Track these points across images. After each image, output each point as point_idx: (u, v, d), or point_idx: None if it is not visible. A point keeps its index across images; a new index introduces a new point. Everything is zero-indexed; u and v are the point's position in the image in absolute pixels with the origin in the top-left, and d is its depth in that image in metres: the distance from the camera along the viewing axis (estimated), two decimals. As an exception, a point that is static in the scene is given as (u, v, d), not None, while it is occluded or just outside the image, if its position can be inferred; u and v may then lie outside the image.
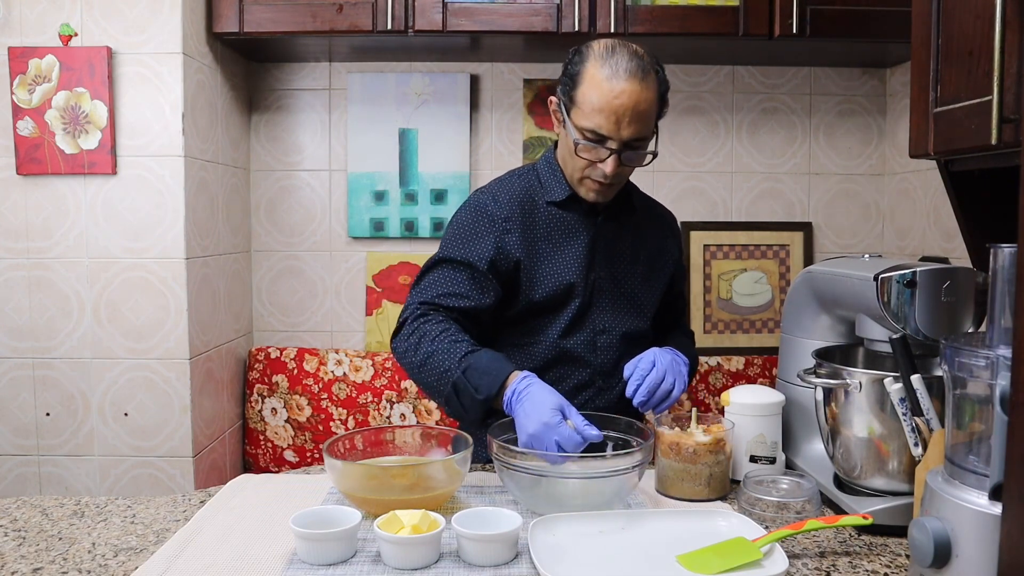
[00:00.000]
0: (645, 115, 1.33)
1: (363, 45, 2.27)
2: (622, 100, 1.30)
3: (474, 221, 1.43)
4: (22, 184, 1.99)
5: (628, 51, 1.33)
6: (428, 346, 1.31)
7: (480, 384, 1.25)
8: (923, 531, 0.84)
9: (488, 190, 1.48)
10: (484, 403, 1.25)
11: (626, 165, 1.37)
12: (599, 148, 1.34)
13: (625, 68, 1.31)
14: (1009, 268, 0.82)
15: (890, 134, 2.49)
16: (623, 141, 1.33)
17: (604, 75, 1.31)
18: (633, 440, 1.23)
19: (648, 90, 1.32)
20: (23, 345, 2.03)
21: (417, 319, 1.36)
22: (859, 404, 1.14)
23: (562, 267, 1.44)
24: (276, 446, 2.39)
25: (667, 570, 0.97)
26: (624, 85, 1.30)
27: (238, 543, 1.05)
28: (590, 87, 1.32)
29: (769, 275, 2.51)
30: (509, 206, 1.43)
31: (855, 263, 1.30)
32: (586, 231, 1.46)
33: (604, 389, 1.48)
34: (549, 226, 1.45)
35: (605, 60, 1.32)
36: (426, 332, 1.33)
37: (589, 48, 1.36)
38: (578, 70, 1.35)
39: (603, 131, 1.32)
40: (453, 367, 1.27)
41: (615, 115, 1.31)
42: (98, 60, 1.94)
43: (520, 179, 1.49)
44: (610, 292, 1.48)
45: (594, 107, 1.31)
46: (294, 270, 2.52)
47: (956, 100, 1.07)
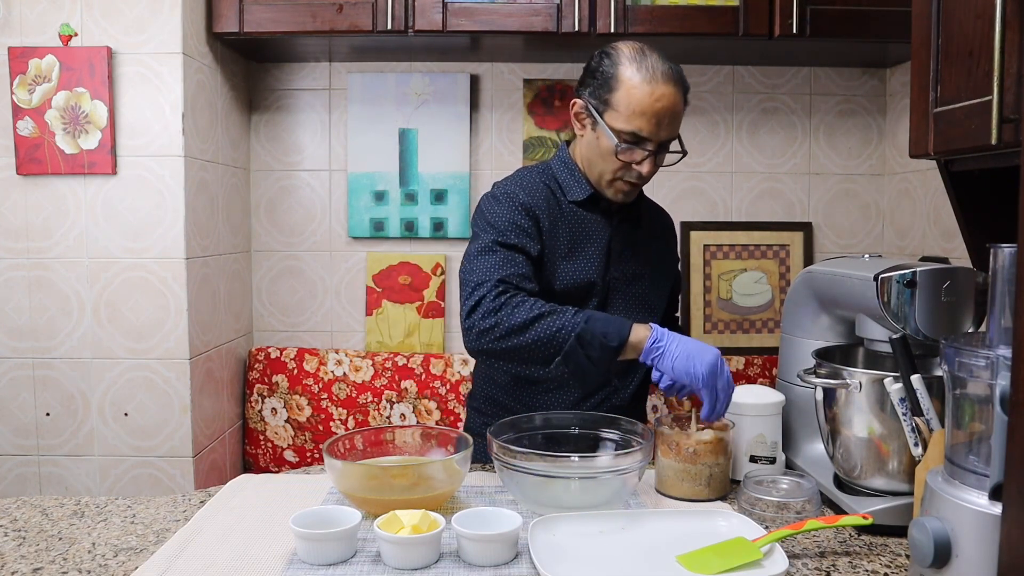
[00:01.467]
0: (679, 116, 1.37)
1: (363, 45, 2.27)
2: (663, 103, 1.33)
3: (512, 210, 1.40)
4: (22, 184, 1.99)
5: (657, 54, 1.36)
6: (527, 311, 1.27)
7: (608, 331, 1.27)
8: (923, 531, 0.84)
9: (515, 182, 1.46)
10: (615, 351, 1.27)
11: (660, 166, 1.40)
12: (636, 150, 1.36)
13: (662, 72, 1.33)
14: (1009, 268, 0.82)
15: (890, 134, 2.49)
16: (660, 142, 1.36)
17: (643, 78, 1.32)
18: (633, 440, 1.23)
19: (680, 92, 1.36)
20: (23, 345, 2.03)
21: (500, 295, 1.30)
22: (859, 404, 1.14)
23: (582, 265, 1.45)
24: (276, 446, 2.39)
25: (667, 570, 0.97)
26: (664, 88, 1.33)
27: (238, 543, 1.05)
28: (630, 90, 1.33)
29: (769, 275, 2.51)
30: (537, 199, 1.43)
31: (855, 263, 1.30)
32: (604, 231, 1.47)
33: (619, 388, 1.50)
34: (571, 224, 1.46)
35: (640, 63, 1.34)
36: (520, 301, 1.29)
37: (618, 51, 1.37)
38: (612, 73, 1.35)
39: (644, 133, 1.34)
40: (569, 323, 1.27)
41: (656, 117, 1.33)
42: (98, 60, 1.94)
43: (540, 176, 1.49)
44: (623, 292, 1.50)
45: (634, 111, 1.33)
46: (294, 270, 2.52)
47: (956, 100, 1.07)
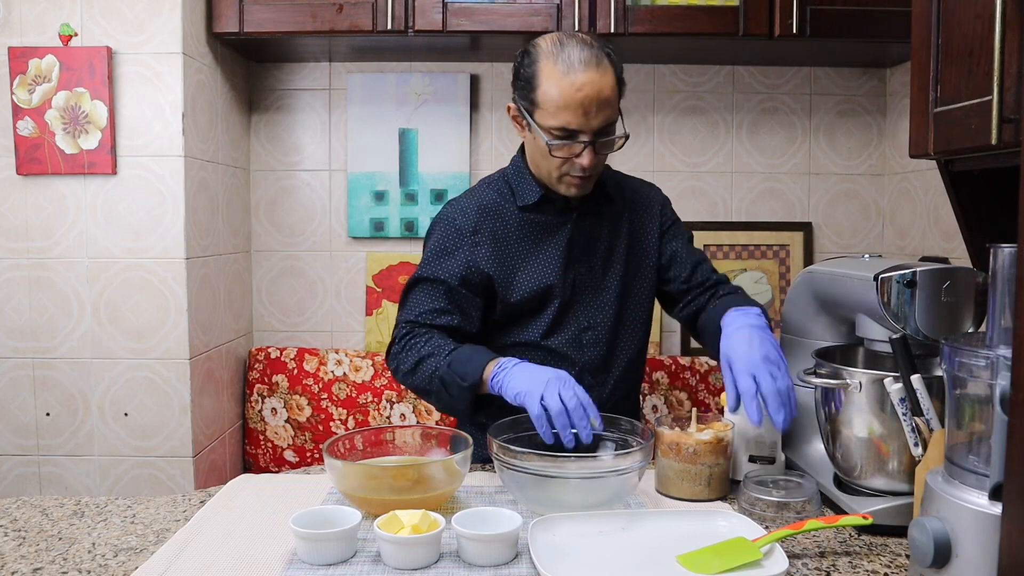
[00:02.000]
0: (609, 101, 1.32)
1: (363, 45, 2.27)
2: (586, 91, 1.29)
3: (444, 237, 1.44)
4: (22, 184, 1.99)
5: (577, 41, 1.33)
6: (415, 354, 1.37)
7: (465, 372, 1.30)
8: (923, 531, 0.84)
9: (457, 203, 1.48)
10: (471, 389, 1.29)
11: (601, 154, 1.37)
12: (572, 144, 1.33)
13: (579, 59, 1.30)
14: (1009, 268, 0.82)
15: (890, 134, 2.49)
16: (594, 131, 1.33)
17: (561, 71, 1.30)
18: (633, 440, 1.23)
19: (606, 75, 1.31)
20: (23, 345, 2.03)
21: (403, 337, 1.41)
22: (859, 404, 1.14)
23: (538, 270, 1.44)
24: (276, 446, 2.39)
25: (667, 570, 0.97)
26: (583, 76, 1.29)
27: (238, 543, 1.05)
28: (549, 86, 1.31)
29: (769, 275, 2.51)
30: (477, 218, 1.44)
31: (855, 263, 1.30)
32: (562, 230, 1.45)
33: (594, 386, 1.47)
34: (522, 231, 1.44)
35: (557, 55, 1.31)
36: (414, 344, 1.39)
37: (536, 47, 1.35)
38: (532, 71, 1.34)
39: (572, 126, 1.31)
40: (440, 364, 1.33)
41: (581, 107, 1.30)
42: (98, 60, 1.94)
43: (489, 187, 1.49)
44: (592, 287, 1.47)
45: (558, 105, 1.30)
46: (294, 270, 2.52)
47: (956, 100, 1.07)
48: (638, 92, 2.49)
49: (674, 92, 2.50)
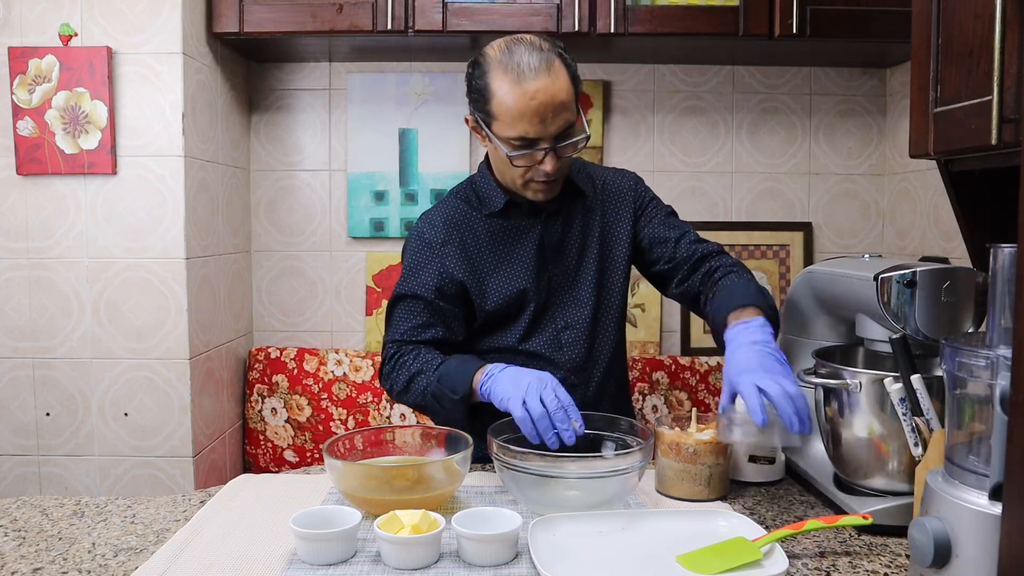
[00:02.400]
0: (565, 104, 1.29)
1: (363, 45, 2.27)
2: (540, 98, 1.26)
3: (416, 252, 1.44)
4: (22, 184, 1.99)
5: (526, 46, 1.30)
6: (406, 373, 1.39)
7: (455, 385, 1.31)
8: (923, 531, 0.84)
9: (426, 216, 1.48)
10: (463, 402, 1.30)
11: (563, 158, 1.34)
12: (533, 152, 1.31)
13: (529, 65, 1.27)
14: (1009, 268, 0.82)
15: (890, 134, 2.49)
16: (553, 137, 1.30)
17: (512, 79, 1.27)
18: (633, 440, 1.23)
19: (559, 78, 1.28)
20: (23, 345, 2.03)
21: (392, 358, 1.42)
22: (859, 404, 1.14)
23: (511, 276, 1.43)
24: (276, 446, 2.39)
25: (667, 570, 0.97)
26: (535, 84, 1.26)
27: (238, 543, 1.05)
28: (502, 96, 1.28)
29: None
30: (445, 230, 1.43)
31: (855, 263, 1.30)
32: (531, 233, 1.44)
33: (577, 385, 1.46)
34: (491, 238, 1.44)
35: (507, 64, 1.28)
36: (403, 363, 1.40)
37: (485, 57, 1.33)
38: (484, 82, 1.31)
39: (531, 135, 1.29)
40: (431, 380, 1.34)
41: (537, 116, 1.27)
42: (98, 60, 1.94)
43: (456, 197, 1.49)
44: (568, 287, 1.46)
45: (513, 115, 1.28)
46: (294, 270, 2.52)
47: (956, 100, 1.07)
48: (638, 92, 2.49)
49: (674, 92, 2.50)
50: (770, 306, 1.30)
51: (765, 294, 1.33)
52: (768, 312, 1.28)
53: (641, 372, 2.39)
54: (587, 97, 2.46)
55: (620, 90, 2.49)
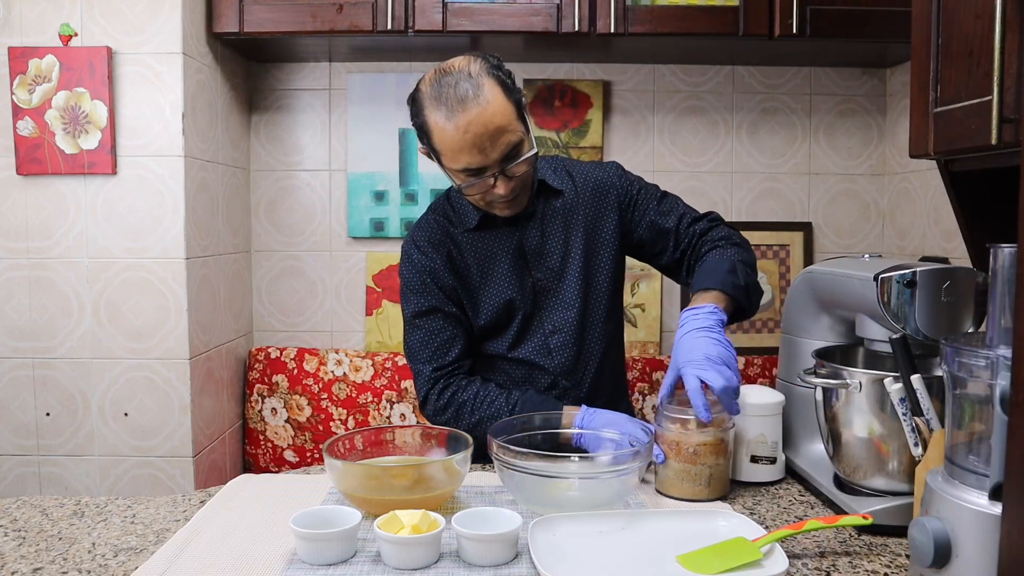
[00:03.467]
0: (502, 127, 1.27)
1: (363, 45, 2.27)
2: (474, 130, 1.25)
3: (414, 274, 1.45)
4: (22, 184, 1.99)
5: (454, 75, 1.27)
6: (468, 417, 1.40)
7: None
8: (923, 531, 0.84)
9: (412, 239, 1.48)
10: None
11: (514, 178, 1.32)
12: (482, 179, 1.31)
13: (457, 98, 1.25)
14: (1009, 268, 0.82)
15: (890, 134, 2.49)
16: (498, 162, 1.29)
17: (444, 116, 1.26)
18: (633, 440, 1.23)
19: (491, 103, 1.26)
20: (23, 345, 2.03)
21: (442, 393, 1.42)
22: (859, 404, 1.14)
23: (497, 287, 1.44)
24: (276, 446, 2.39)
25: (667, 570, 0.96)
26: (466, 116, 1.25)
27: (238, 543, 1.05)
28: (439, 133, 1.28)
29: (769, 275, 2.51)
30: (433, 250, 1.45)
31: (855, 263, 1.30)
32: (511, 242, 1.45)
33: (569, 388, 1.48)
34: (475, 252, 1.45)
35: (438, 99, 1.27)
36: (461, 403, 1.41)
37: (420, 93, 1.31)
38: (422, 119, 1.31)
39: (475, 165, 1.29)
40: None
41: (475, 147, 1.26)
42: (98, 60, 1.94)
43: (435, 214, 1.50)
44: (553, 290, 1.46)
45: (453, 150, 1.28)
46: (294, 270, 2.52)
47: (956, 100, 1.07)
48: (638, 92, 2.49)
49: (674, 92, 2.50)
50: (735, 285, 1.32)
51: (734, 273, 1.34)
52: (730, 293, 1.31)
53: (641, 372, 2.39)
54: (587, 97, 2.46)
55: (620, 90, 2.49)
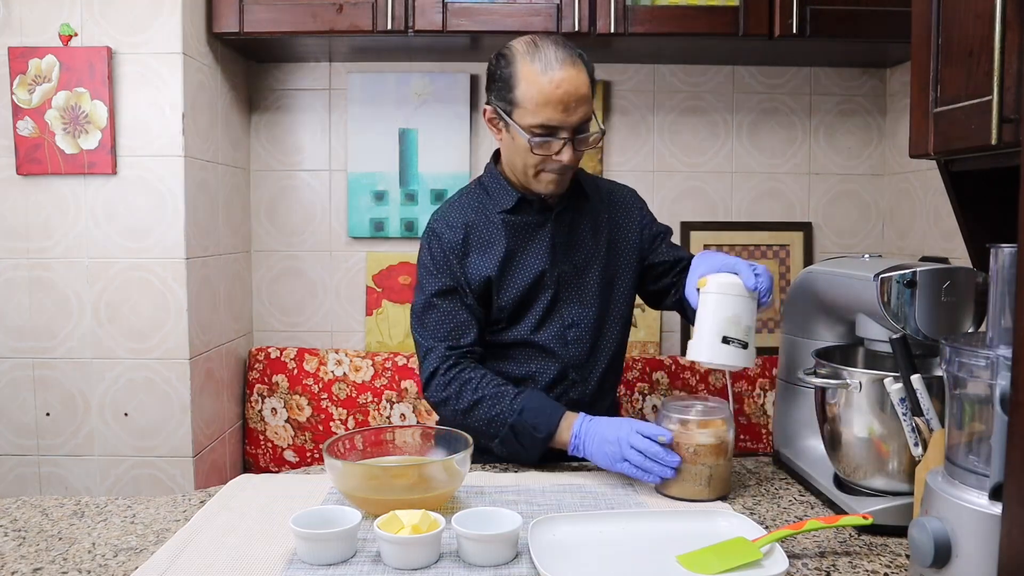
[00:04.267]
0: (586, 97, 1.36)
1: (363, 45, 2.27)
2: (565, 87, 1.32)
3: (439, 252, 1.46)
4: (22, 184, 1.99)
5: (551, 41, 1.36)
6: (471, 394, 1.38)
7: (538, 423, 1.33)
8: (923, 531, 0.84)
9: (441, 216, 1.50)
10: (545, 440, 1.33)
11: (579, 150, 1.39)
12: (552, 141, 1.36)
13: (556, 57, 1.33)
14: (1009, 268, 0.82)
15: (890, 134, 2.49)
16: (573, 127, 1.36)
17: (539, 68, 1.33)
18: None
19: (582, 72, 1.35)
20: (23, 345, 2.03)
21: (450, 369, 1.41)
22: (859, 404, 1.14)
23: (528, 267, 1.46)
24: (276, 446, 2.39)
25: (667, 570, 0.97)
26: (562, 73, 1.32)
27: (238, 543, 1.05)
28: (529, 84, 1.34)
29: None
30: (463, 229, 1.46)
31: (855, 263, 1.30)
32: (543, 229, 1.48)
33: (578, 382, 1.50)
34: (507, 234, 1.47)
35: (535, 55, 1.34)
36: (467, 380, 1.40)
37: (512, 49, 1.38)
38: (510, 71, 1.36)
39: (554, 122, 1.34)
40: (506, 410, 1.35)
41: (562, 104, 1.33)
42: (98, 60, 1.94)
43: (469, 196, 1.52)
44: (576, 285, 1.49)
45: (538, 102, 1.33)
46: (294, 270, 2.52)
47: (956, 100, 1.07)
48: (638, 92, 2.49)
49: (674, 92, 2.50)
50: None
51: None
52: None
53: (641, 372, 2.39)
54: (587, 97, 2.46)
55: (620, 90, 2.49)
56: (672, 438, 1.22)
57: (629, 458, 1.23)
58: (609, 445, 1.27)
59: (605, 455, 1.27)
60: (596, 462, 1.30)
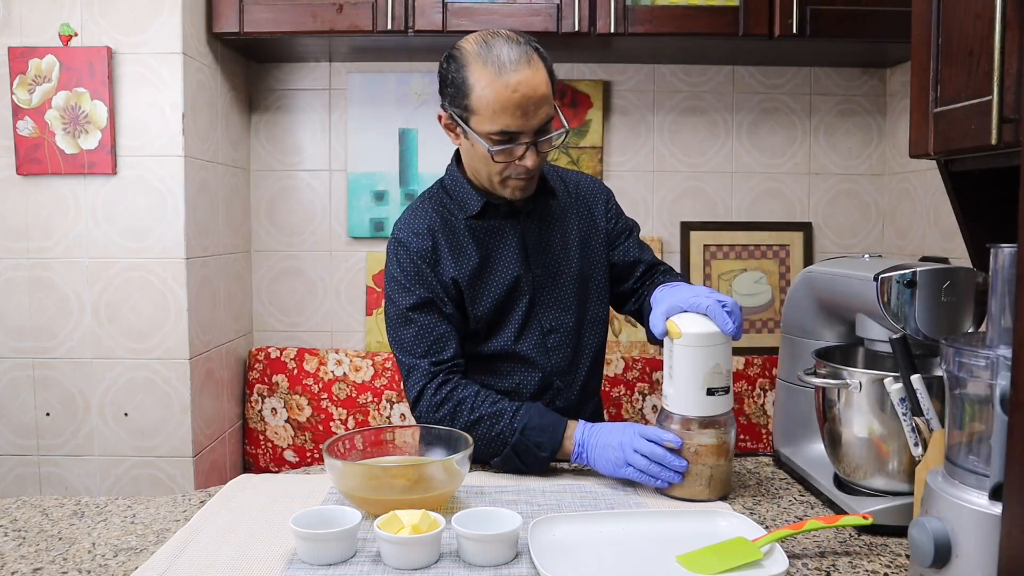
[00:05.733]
0: (546, 97, 1.28)
1: (363, 45, 2.27)
2: (522, 91, 1.25)
3: (408, 262, 1.38)
4: (22, 184, 1.99)
5: (503, 38, 1.28)
6: (467, 415, 1.32)
7: (542, 441, 1.29)
8: (923, 531, 0.84)
9: (406, 224, 1.42)
10: (549, 458, 1.29)
11: (542, 152, 1.32)
12: (512, 147, 1.29)
13: (510, 58, 1.25)
14: (1009, 268, 0.82)
15: (890, 134, 2.49)
16: (534, 131, 1.29)
17: (493, 72, 1.25)
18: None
19: (539, 71, 1.27)
20: (23, 345, 2.03)
21: (440, 387, 1.35)
22: (859, 404, 1.14)
23: (502, 273, 1.40)
24: (276, 446, 2.39)
25: (667, 570, 0.97)
26: (518, 76, 1.24)
27: (238, 543, 1.05)
28: (484, 90, 1.25)
29: (769, 275, 2.51)
30: (431, 236, 1.39)
31: (855, 263, 1.30)
32: (513, 232, 1.42)
33: (563, 389, 1.46)
34: (476, 241, 1.40)
35: (487, 58, 1.26)
36: (460, 399, 1.33)
37: (462, 52, 1.29)
38: (462, 76, 1.28)
39: (512, 128, 1.27)
40: (506, 430, 1.30)
41: (520, 108, 1.25)
42: (98, 60, 1.94)
43: (431, 201, 1.44)
44: (551, 288, 1.44)
45: (495, 109, 1.25)
46: (294, 270, 2.52)
47: (956, 100, 1.07)
48: (638, 92, 2.49)
49: (674, 92, 2.50)
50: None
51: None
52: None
53: (641, 372, 2.39)
54: (587, 97, 2.46)
55: (620, 90, 2.49)
56: (681, 443, 1.20)
57: (633, 463, 1.21)
58: (612, 450, 1.24)
59: (608, 461, 1.24)
60: (599, 469, 1.27)
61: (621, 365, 2.40)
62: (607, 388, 2.37)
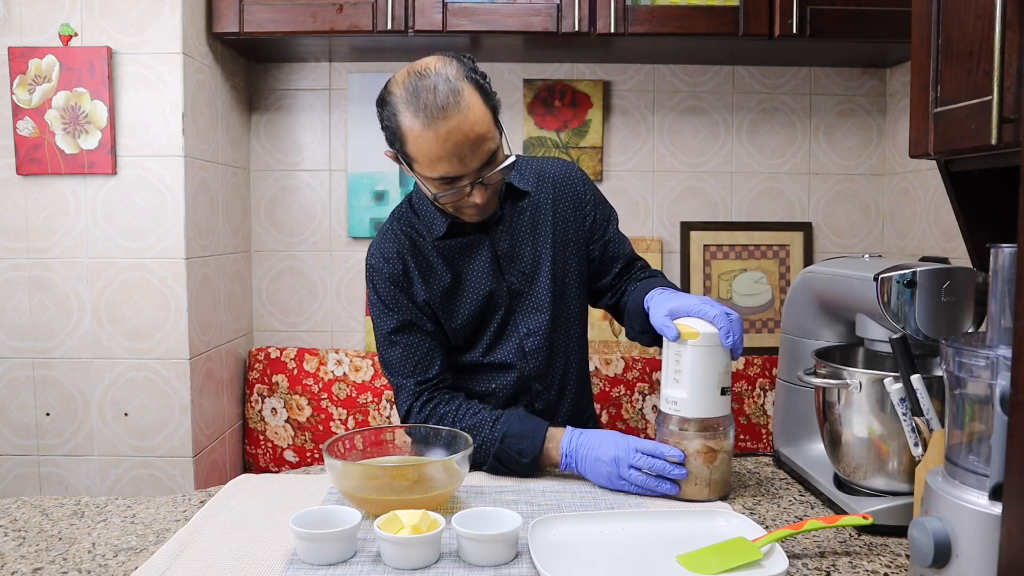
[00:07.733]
0: (482, 136, 1.22)
1: (363, 45, 2.27)
2: (454, 139, 1.20)
3: (383, 287, 1.40)
4: (22, 184, 1.99)
5: (431, 79, 1.20)
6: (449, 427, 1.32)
7: (523, 448, 1.29)
8: (923, 531, 0.84)
9: (376, 250, 1.42)
10: (531, 465, 1.29)
11: (491, 185, 1.29)
12: (457, 188, 1.26)
13: (438, 103, 1.18)
14: (1009, 268, 0.82)
15: (890, 134, 2.49)
16: (476, 171, 1.25)
17: (422, 123, 1.19)
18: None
19: (472, 109, 1.20)
20: (23, 345, 2.03)
21: (424, 406, 1.37)
22: (859, 404, 1.14)
23: (475, 287, 1.40)
24: (276, 446, 2.39)
25: (667, 570, 0.96)
26: (447, 125, 1.19)
27: (238, 543, 1.05)
28: (416, 141, 1.21)
29: (769, 275, 2.51)
30: (400, 260, 1.39)
31: (855, 263, 1.30)
32: (483, 247, 1.40)
33: (542, 392, 1.46)
34: (445, 259, 1.40)
35: (416, 104, 1.20)
36: (442, 415, 1.35)
37: (392, 96, 1.24)
38: (395, 125, 1.23)
39: (452, 174, 1.23)
40: (487, 440, 1.31)
41: (455, 156, 1.21)
42: (98, 60, 1.94)
43: (399, 222, 1.43)
44: (527, 293, 1.43)
45: (431, 159, 1.22)
46: (294, 270, 2.52)
47: (956, 100, 1.07)
48: (638, 92, 2.50)
49: (674, 92, 2.50)
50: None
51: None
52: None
53: (641, 372, 2.39)
54: (587, 97, 2.46)
55: (620, 90, 2.49)
56: (684, 457, 1.20)
57: (629, 478, 1.20)
58: (604, 465, 1.23)
59: (600, 476, 1.24)
60: (592, 481, 1.26)
61: (621, 365, 2.40)
62: (607, 388, 2.37)
